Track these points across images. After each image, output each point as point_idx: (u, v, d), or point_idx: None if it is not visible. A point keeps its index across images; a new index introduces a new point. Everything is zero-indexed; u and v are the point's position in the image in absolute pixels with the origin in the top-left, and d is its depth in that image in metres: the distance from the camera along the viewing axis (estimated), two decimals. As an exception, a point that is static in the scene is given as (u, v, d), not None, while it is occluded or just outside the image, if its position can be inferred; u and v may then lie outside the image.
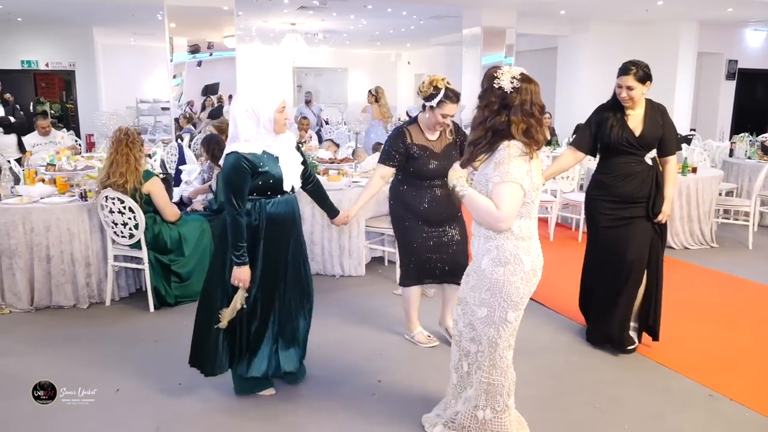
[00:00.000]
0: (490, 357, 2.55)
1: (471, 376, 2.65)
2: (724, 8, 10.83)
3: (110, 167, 4.26)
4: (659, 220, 3.67)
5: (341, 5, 11.07)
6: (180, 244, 4.52)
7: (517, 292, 2.45)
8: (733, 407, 3.17)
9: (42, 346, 3.84)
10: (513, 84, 2.36)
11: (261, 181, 2.92)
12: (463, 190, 2.43)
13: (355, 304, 4.60)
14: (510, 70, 2.40)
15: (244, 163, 2.86)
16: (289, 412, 3.07)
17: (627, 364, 3.65)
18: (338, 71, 19.57)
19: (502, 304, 2.46)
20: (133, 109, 13.98)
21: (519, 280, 2.44)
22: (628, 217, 3.68)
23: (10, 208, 4.32)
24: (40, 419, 2.99)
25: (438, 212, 3.57)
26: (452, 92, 3.36)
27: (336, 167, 5.95)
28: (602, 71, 12.10)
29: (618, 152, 3.66)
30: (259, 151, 2.89)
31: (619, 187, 3.68)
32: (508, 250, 2.43)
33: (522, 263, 2.43)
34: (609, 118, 3.66)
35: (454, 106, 3.37)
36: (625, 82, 3.56)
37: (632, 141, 3.61)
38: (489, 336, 2.52)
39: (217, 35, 9.42)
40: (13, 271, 4.34)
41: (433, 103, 3.35)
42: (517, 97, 2.35)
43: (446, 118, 3.41)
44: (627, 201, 3.67)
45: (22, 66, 13.56)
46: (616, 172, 3.69)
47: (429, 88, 3.35)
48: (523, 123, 2.35)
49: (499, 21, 11.29)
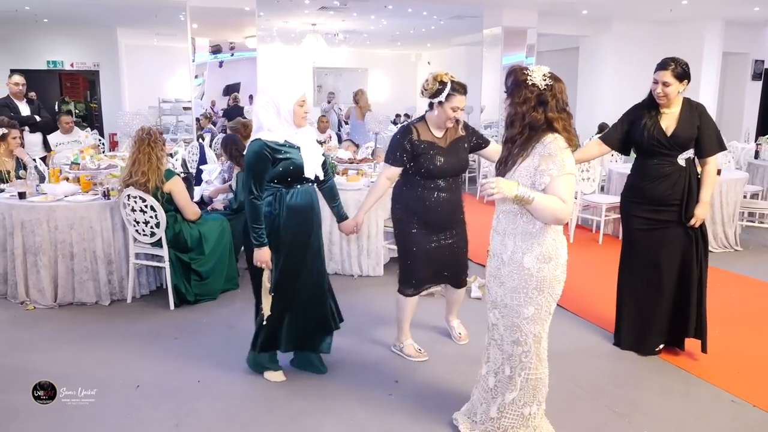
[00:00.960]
0: (536, 353, 2.57)
1: (514, 380, 2.62)
2: (750, 7, 10.65)
3: (132, 166, 4.32)
4: (692, 225, 3.57)
5: (362, 5, 11.09)
6: (200, 242, 4.56)
7: (560, 285, 2.52)
8: (757, 414, 3.11)
9: (64, 342, 3.90)
10: (546, 81, 2.38)
11: (282, 168, 3.05)
12: (530, 196, 2.32)
13: (372, 304, 4.61)
14: (539, 68, 2.42)
15: (266, 150, 3.01)
16: (306, 412, 3.08)
17: (648, 368, 3.61)
18: (358, 71, 19.60)
19: (548, 299, 2.50)
20: (156, 109, 14.15)
21: (561, 274, 2.50)
22: (660, 220, 3.61)
23: (35, 206, 4.39)
24: (63, 414, 3.04)
25: (440, 214, 3.47)
26: (458, 84, 3.34)
27: (355, 167, 5.96)
28: (625, 72, 12.00)
29: (650, 153, 3.59)
30: (281, 140, 3.05)
31: (650, 189, 3.60)
32: (548, 244, 2.45)
33: (561, 256, 2.48)
34: (643, 116, 3.58)
35: (463, 98, 3.36)
36: (662, 77, 3.47)
37: (663, 141, 3.52)
38: (535, 333, 2.55)
39: (239, 36, 9.50)
40: (37, 268, 4.41)
41: (441, 98, 3.32)
42: (551, 95, 2.38)
43: (457, 111, 3.36)
44: (659, 204, 3.59)
45: (48, 66, 13.81)
46: (648, 173, 3.62)
47: (434, 84, 3.31)
48: (562, 119, 2.40)
49: (520, 21, 11.23)
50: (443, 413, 3.02)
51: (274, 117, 3.03)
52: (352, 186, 5.13)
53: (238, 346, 3.84)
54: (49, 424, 2.96)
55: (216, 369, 3.53)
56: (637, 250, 3.70)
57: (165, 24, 12.77)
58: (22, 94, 6.84)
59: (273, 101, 3.02)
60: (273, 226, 3.12)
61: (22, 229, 4.38)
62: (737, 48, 13.01)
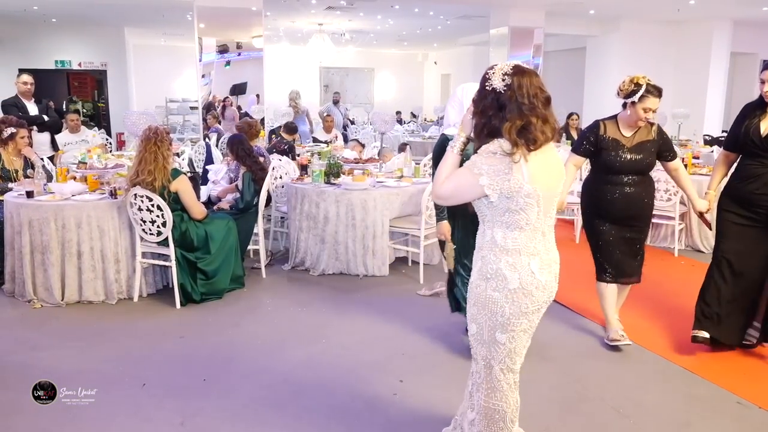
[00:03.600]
0: (487, 379, 2.31)
1: (473, 397, 2.43)
2: (758, 7, 10.59)
3: (139, 165, 4.34)
4: None
5: (368, 5, 11.09)
6: (206, 242, 4.58)
7: (501, 312, 2.18)
8: (763, 415, 3.10)
9: (71, 340, 3.92)
10: (504, 81, 2.10)
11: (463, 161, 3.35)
12: (450, 148, 2.29)
13: (378, 303, 4.61)
14: (502, 66, 2.15)
15: (447, 143, 3.23)
16: (311, 410, 3.09)
17: (653, 369, 3.60)
18: (365, 71, 19.61)
19: (488, 322, 2.22)
20: (163, 108, 14.20)
21: (503, 299, 2.17)
22: (750, 218, 3.60)
23: (43, 204, 4.42)
24: (69, 411, 3.06)
25: (622, 209, 3.67)
26: (654, 87, 3.53)
27: (361, 167, 5.97)
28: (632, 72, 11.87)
29: (746, 152, 3.61)
30: None
31: (740, 188, 3.61)
32: (491, 262, 2.19)
33: (506, 280, 2.16)
34: (750, 116, 3.59)
35: (656, 100, 3.53)
36: None
37: (756, 141, 3.51)
38: (482, 355, 2.30)
39: (246, 35, 9.53)
40: (45, 266, 4.44)
41: (635, 98, 3.52)
42: (510, 94, 2.09)
43: (647, 113, 3.54)
44: (747, 203, 3.59)
45: (56, 66, 13.88)
46: (741, 172, 3.65)
47: (630, 85, 3.54)
48: (519, 120, 2.07)
49: (527, 21, 11.20)
50: (447, 413, 3.02)
51: (457, 113, 3.41)
52: (358, 186, 5.13)
53: (243, 345, 3.86)
54: (56, 421, 2.98)
55: (222, 368, 3.55)
56: (726, 245, 3.69)
57: (172, 24, 12.82)
58: (30, 93, 6.87)
59: (459, 99, 3.43)
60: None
61: (29, 227, 4.41)
62: (745, 48, 12.94)
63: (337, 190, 5.15)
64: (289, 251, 5.53)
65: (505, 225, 2.17)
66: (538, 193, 2.11)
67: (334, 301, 4.66)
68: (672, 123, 10.50)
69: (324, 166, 5.55)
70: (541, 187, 2.12)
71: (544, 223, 2.19)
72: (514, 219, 2.15)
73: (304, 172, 5.91)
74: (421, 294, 4.79)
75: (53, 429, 2.92)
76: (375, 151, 8.49)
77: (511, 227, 2.16)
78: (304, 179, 5.58)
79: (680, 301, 4.60)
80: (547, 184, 2.14)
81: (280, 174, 5.94)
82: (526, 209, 2.13)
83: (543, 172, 2.13)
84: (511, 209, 2.13)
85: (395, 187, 5.30)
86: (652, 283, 5.11)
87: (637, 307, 4.45)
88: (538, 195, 2.12)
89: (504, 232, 2.17)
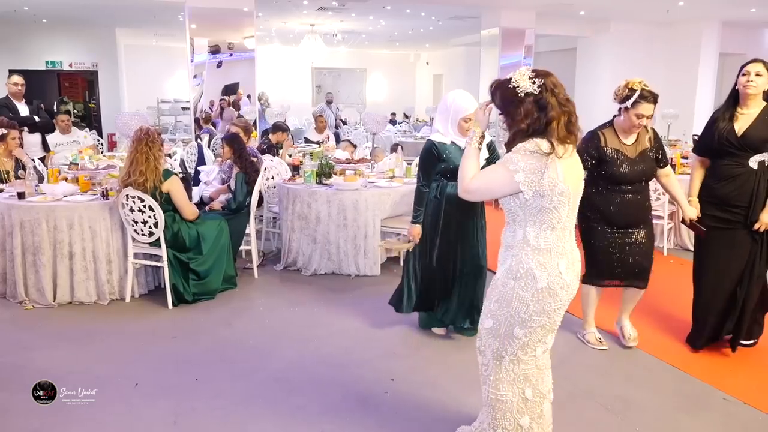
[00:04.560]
0: (496, 371, 2.39)
1: (483, 392, 2.50)
2: (746, 8, 10.68)
3: (130, 166, 4.35)
4: (756, 229, 3.55)
5: (360, 6, 11.11)
6: (198, 242, 4.59)
7: (525, 309, 2.26)
8: (748, 411, 3.15)
9: (63, 341, 3.92)
10: (536, 83, 2.17)
11: (443, 166, 3.63)
12: (468, 143, 2.38)
13: (369, 303, 4.63)
14: (521, 71, 2.22)
15: (434, 149, 3.63)
16: (303, 408, 3.11)
17: (641, 366, 3.64)
18: (357, 72, 19.62)
19: (509, 318, 2.30)
20: (155, 109, 14.15)
21: (530, 297, 2.25)
22: (727, 220, 3.62)
23: (34, 206, 4.42)
24: (62, 412, 3.06)
25: (626, 216, 3.59)
26: (648, 92, 3.42)
27: (353, 167, 6.00)
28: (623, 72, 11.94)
29: (720, 153, 3.60)
30: (447, 142, 3.62)
31: (717, 189, 3.62)
32: (522, 261, 2.25)
33: (535, 279, 2.23)
34: (719, 118, 3.60)
35: (650, 106, 3.42)
36: (755, 68, 3.47)
37: (732, 141, 3.52)
38: (493, 348, 2.38)
39: (237, 36, 9.51)
40: (36, 267, 4.44)
41: (628, 104, 3.42)
42: (548, 95, 2.17)
43: (641, 119, 3.44)
44: (725, 204, 3.61)
45: (47, 66, 13.81)
46: (717, 173, 3.65)
47: (624, 90, 3.44)
48: (564, 116, 2.18)
49: (518, 21, 11.25)
50: (438, 411, 3.06)
51: (444, 121, 3.60)
52: (350, 186, 5.16)
53: (235, 345, 3.88)
54: (49, 421, 2.98)
55: (214, 367, 3.56)
56: (705, 248, 3.72)
57: (164, 24, 12.78)
58: (21, 94, 6.84)
59: (447, 107, 3.57)
60: (430, 209, 3.72)
61: (21, 228, 4.41)
62: (734, 49, 13.03)
63: (328, 191, 5.18)
64: (281, 251, 5.55)
65: (538, 224, 2.24)
66: (570, 192, 2.21)
67: (325, 301, 4.68)
68: (661, 123, 10.56)
69: (316, 166, 5.57)
70: (572, 186, 2.22)
71: (572, 222, 2.30)
72: (547, 218, 2.22)
73: (295, 172, 5.93)
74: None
75: (45, 429, 2.93)
76: (367, 152, 8.51)
77: (544, 226, 2.24)
78: (295, 180, 5.60)
79: (668, 299, 4.65)
80: (575, 183, 2.25)
81: (272, 174, 5.96)
82: (559, 207, 2.21)
83: (571, 171, 2.23)
84: (544, 208, 2.21)
85: (387, 188, 5.33)
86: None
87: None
88: (570, 193, 2.21)
89: (537, 232, 2.25)
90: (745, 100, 3.54)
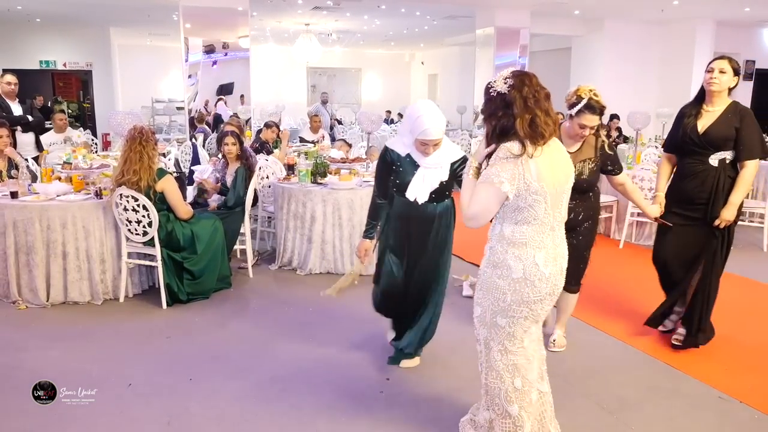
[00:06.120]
0: (486, 358, 2.51)
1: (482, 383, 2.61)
2: (741, 8, 10.73)
3: (124, 165, 4.32)
4: (716, 225, 3.59)
5: (355, 5, 11.11)
6: (193, 242, 4.57)
7: (504, 299, 2.36)
8: (744, 410, 3.15)
9: (57, 342, 3.90)
10: (507, 83, 2.25)
11: (393, 178, 3.26)
12: (465, 174, 2.43)
13: (364, 302, 4.60)
14: (501, 74, 2.31)
15: (387, 155, 3.26)
16: (298, 408, 3.09)
17: (636, 365, 3.65)
18: (352, 71, 19.62)
19: (491, 306, 2.40)
20: (149, 109, 14.12)
21: (506, 286, 2.34)
22: (690, 217, 3.67)
23: (27, 205, 4.39)
24: (55, 412, 3.04)
25: (573, 220, 3.39)
26: (596, 103, 3.27)
27: (347, 167, 5.98)
28: (617, 71, 12.05)
29: (684, 151, 3.66)
30: (403, 153, 3.20)
31: (681, 186, 3.68)
32: (498, 253, 2.37)
33: (510, 269, 2.33)
34: (686, 115, 3.64)
35: (593, 117, 3.29)
36: (720, 65, 3.52)
37: (695, 139, 3.57)
38: (483, 336, 2.50)
39: (232, 35, 9.50)
40: (29, 267, 4.41)
41: (572, 111, 3.33)
42: (515, 93, 2.23)
43: (584, 129, 3.33)
44: (687, 201, 3.65)
45: (41, 66, 13.77)
46: (680, 171, 3.71)
47: (573, 96, 3.34)
48: (527, 114, 2.21)
49: (513, 21, 11.26)
50: (433, 410, 3.05)
51: (406, 132, 3.17)
52: (345, 185, 5.15)
53: (230, 345, 3.86)
54: (41, 422, 2.96)
55: (208, 367, 3.55)
56: (664, 244, 3.78)
57: (158, 24, 12.75)
58: (14, 93, 6.81)
59: (412, 121, 3.08)
60: (394, 225, 3.33)
61: (14, 228, 4.38)
62: (728, 48, 13.03)
63: (323, 190, 5.17)
64: (276, 251, 5.53)
65: (513, 221, 2.32)
66: (545, 190, 2.25)
67: (320, 301, 4.65)
68: (656, 122, 10.60)
69: (311, 165, 5.56)
70: (548, 184, 2.25)
71: (553, 218, 2.33)
72: (522, 215, 2.30)
73: (290, 171, 5.91)
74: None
75: (38, 429, 2.91)
76: (362, 151, 8.50)
77: (519, 222, 2.31)
78: (290, 179, 5.58)
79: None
80: (554, 181, 2.27)
81: (267, 174, 5.94)
82: (534, 206, 2.27)
83: (550, 170, 2.26)
84: (519, 206, 2.28)
85: (382, 187, 5.31)
86: (635, 280, 5.17)
87: (619, 304, 4.49)
88: (545, 192, 2.25)
89: (512, 227, 2.33)
90: (710, 98, 3.59)
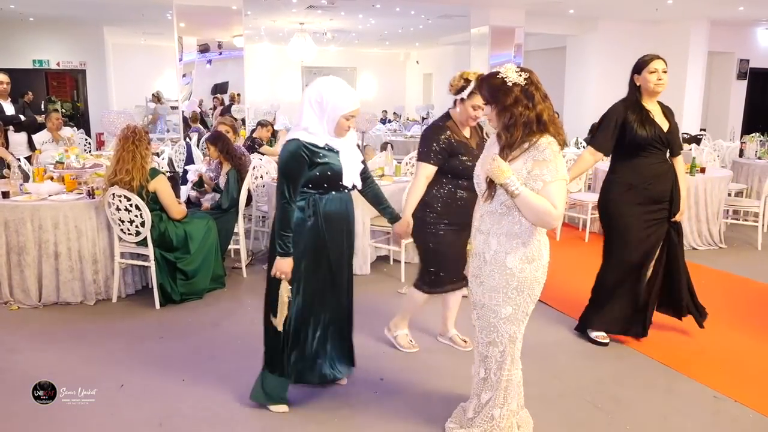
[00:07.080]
0: (511, 353, 2.56)
1: (489, 380, 2.62)
2: (735, 7, 10.75)
3: (117, 164, 4.30)
4: (676, 219, 3.68)
5: (350, 4, 11.08)
6: (186, 242, 4.54)
7: (539, 287, 2.50)
8: (738, 409, 3.15)
9: (49, 342, 3.87)
10: (523, 75, 2.33)
11: (319, 173, 2.79)
12: (516, 189, 2.28)
13: (359, 302, 4.54)
14: (506, 67, 2.35)
15: (303, 151, 2.75)
16: (291, 409, 3.07)
17: (630, 364, 3.64)
18: (347, 71, 19.58)
19: (527, 300, 2.49)
20: (143, 108, 14.07)
21: (542, 275, 2.49)
22: (656, 219, 3.67)
23: (19, 205, 4.36)
24: (47, 414, 3.02)
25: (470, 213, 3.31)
26: None
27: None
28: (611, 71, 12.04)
29: (648, 151, 3.59)
30: (321, 143, 2.79)
31: (650, 188, 3.61)
32: (533, 246, 2.43)
33: (543, 257, 2.48)
34: (634, 117, 3.58)
35: None
36: (662, 66, 3.57)
37: (663, 138, 3.57)
38: (510, 333, 2.53)
39: (226, 35, 9.47)
40: (21, 267, 4.38)
41: (463, 95, 3.30)
42: (534, 87, 2.33)
43: (477, 111, 3.31)
44: (655, 202, 3.64)
45: (34, 65, 13.70)
46: (646, 172, 3.61)
47: (460, 81, 3.32)
48: (548, 110, 2.34)
49: (508, 20, 11.27)
50: (426, 410, 3.04)
51: (316, 119, 2.77)
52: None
53: (223, 346, 3.84)
54: (32, 423, 2.94)
55: (201, 368, 3.53)
56: (632, 250, 3.68)
57: (152, 23, 12.70)
58: (6, 92, 6.77)
59: (322, 103, 2.75)
60: (302, 233, 2.85)
61: (5, 228, 4.35)
62: (722, 47, 13.13)
63: (317, 189, 5.13)
64: (270, 251, 5.50)
65: None
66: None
67: (315, 300, 4.64)
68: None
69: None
70: None
71: None
72: None
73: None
74: (402, 293, 4.80)
75: (30, 430, 2.88)
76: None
77: None
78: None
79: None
80: None
81: (261, 173, 5.92)
82: None
83: None
84: None
85: (376, 186, 5.29)
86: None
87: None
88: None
89: None
90: (652, 98, 3.61)
